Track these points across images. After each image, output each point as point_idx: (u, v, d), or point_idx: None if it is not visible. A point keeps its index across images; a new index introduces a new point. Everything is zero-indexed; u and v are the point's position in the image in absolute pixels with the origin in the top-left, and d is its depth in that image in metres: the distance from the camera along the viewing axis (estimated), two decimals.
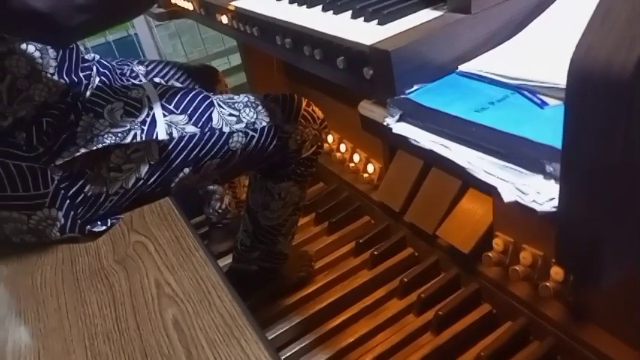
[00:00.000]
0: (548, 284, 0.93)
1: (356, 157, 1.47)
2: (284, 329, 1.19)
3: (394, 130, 0.51)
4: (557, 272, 0.93)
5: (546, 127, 0.41)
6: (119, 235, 0.73)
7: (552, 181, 0.37)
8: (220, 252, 1.47)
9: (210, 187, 1.39)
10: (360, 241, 1.37)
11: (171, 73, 1.09)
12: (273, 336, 1.18)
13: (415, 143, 0.49)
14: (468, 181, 0.43)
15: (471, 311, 1.13)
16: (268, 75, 1.74)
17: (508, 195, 0.38)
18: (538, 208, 0.36)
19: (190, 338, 0.52)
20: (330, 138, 1.58)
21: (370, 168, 1.42)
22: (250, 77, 1.79)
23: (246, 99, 0.94)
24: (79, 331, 0.56)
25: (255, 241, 1.18)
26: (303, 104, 1.02)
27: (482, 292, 1.14)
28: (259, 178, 1.08)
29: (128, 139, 0.76)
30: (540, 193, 0.37)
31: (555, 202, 0.36)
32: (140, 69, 1.03)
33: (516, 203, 0.38)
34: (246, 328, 0.51)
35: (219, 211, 1.42)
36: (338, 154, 1.53)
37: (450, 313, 1.11)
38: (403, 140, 0.50)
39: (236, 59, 1.89)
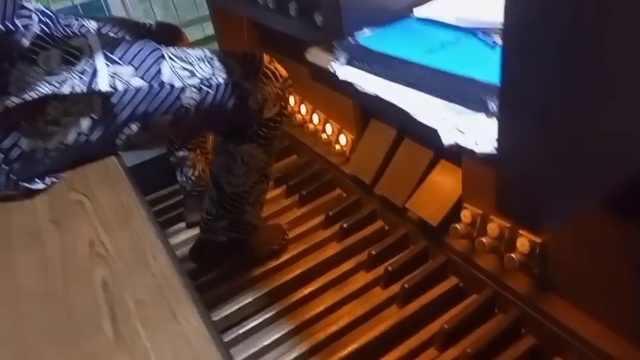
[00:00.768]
0: (513, 255, 0.91)
1: (328, 129, 1.43)
2: (249, 300, 1.17)
3: (339, 76, 0.47)
4: (523, 244, 0.91)
5: (495, 67, 0.38)
6: (58, 194, 0.69)
7: (494, 120, 0.34)
8: (194, 221, 1.42)
9: (181, 153, 1.34)
10: (330, 213, 1.34)
11: (125, 29, 1.03)
12: (237, 307, 1.15)
13: (360, 89, 0.45)
14: (408, 129, 0.40)
15: (437, 284, 1.11)
16: (240, 44, 1.68)
17: (448, 137, 0.35)
18: (477, 149, 0.33)
19: (117, 298, 0.48)
20: (303, 109, 1.54)
21: (342, 139, 1.39)
22: (222, 46, 1.73)
23: (201, 53, 0.89)
24: (5, 291, 0.52)
25: (221, 209, 1.14)
26: (265, 61, 0.97)
27: (450, 265, 1.12)
28: (221, 141, 1.03)
29: (65, 90, 0.71)
30: (481, 132, 0.33)
31: (496, 144, 0.32)
32: (91, 24, 0.97)
33: (456, 146, 0.35)
34: (178, 289, 0.48)
35: (192, 178, 1.38)
36: (310, 126, 1.49)
37: (415, 286, 1.09)
38: (349, 87, 0.47)
39: (210, 28, 1.82)
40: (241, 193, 1.10)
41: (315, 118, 1.48)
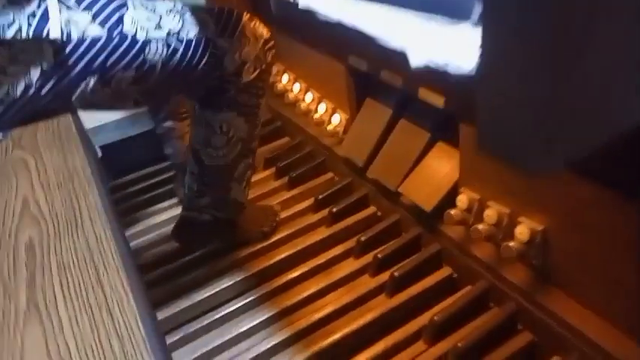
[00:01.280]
0: (511, 244, 0.84)
1: (322, 108, 1.35)
2: (229, 284, 1.09)
3: (299, 4, 0.39)
4: (522, 231, 0.84)
5: None
6: (2, 152, 0.62)
7: (477, 30, 0.26)
8: (182, 214, 1.35)
9: (168, 124, 1.26)
10: (320, 197, 1.26)
11: None
12: (215, 291, 1.08)
13: (322, 17, 0.37)
14: (378, 58, 0.32)
15: (429, 274, 1.04)
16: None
17: (417, 59, 0.27)
18: (453, 69, 0.25)
19: (40, 262, 0.41)
20: (296, 87, 1.46)
21: (336, 119, 1.31)
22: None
23: (171, 4, 0.81)
24: None
25: (202, 184, 1.06)
26: (244, 18, 0.89)
27: (443, 254, 1.04)
28: (198, 109, 0.96)
29: (9, 33, 0.64)
30: (458, 49, 0.26)
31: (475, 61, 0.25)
32: None
33: (426, 68, 0.27)
34: (110, 253, 0.41)
35: (181, 149, 1.30)
36: (303, 105, 1.41)
37: (406, 275, 1.02)
38: (311, 18, 0.39)
39: None
40: (223, 167, 1.03)
41: (309, 96, 1.40)
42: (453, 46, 0.25)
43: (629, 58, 0.28)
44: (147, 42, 0.75)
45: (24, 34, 0.65)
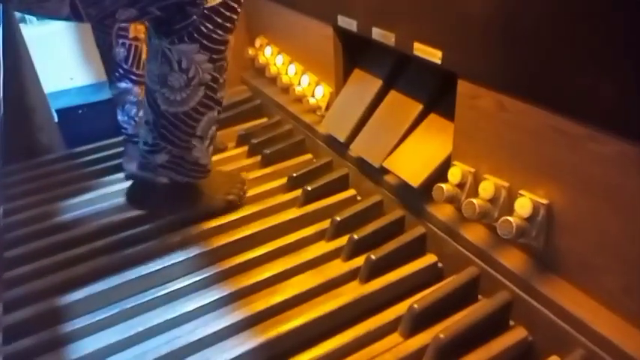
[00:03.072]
0: (510, 219, 0.71)
1: (304, 81, 1.24)
2: (181, 259, 0.95)
3: None
4: (523, 205, 0.72)
5: None
6: None
7: None
8: (134, 173, 1.21)
9: (124, 85, 1.13)
10: (295, 175, 1.13)
11: None
12: (166, 265, 0.93)
13: None
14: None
15: (411, 260, 0.90)
16: None
17: None
18: None
19: None
20: (279, 60, 1.34)
21: (319, 92, 1.19)
22: None
23: None
24: None
25: (158, 136, 0.93)
26: None
27: (429, 238, 0.91)
28: (153, 37, 0.83)
29: None
30: None
31: None
32: None
33: None
34: None
35: (136, 119, 1.16)
36: (285, 78, 1.29)
37: (384, 259, 0.88)
38: None
39: None
40: (182, 116, 0.90)
41: (292, 69, 1.29)
42: None
43: None
44: None
45: None
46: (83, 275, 0.91)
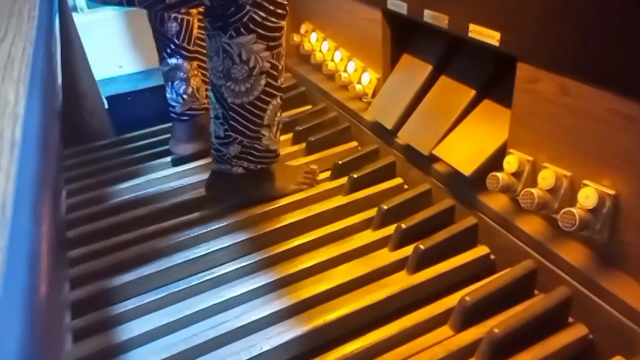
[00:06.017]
0: (573, 210, 0.67)
1: (351, 67, 1.21)
2: (227, 244, 0.95)
3: None
4: (587, 195, 0.67)
5: None
6: None
7: None
8: (184, 155, 1.22)
9: (174, 61, 1.13)
10: (340, 162, 1.12)
11: None
12: (212, 250, 0.94)
13: None
14: None
15: (461, 251, 0.87)
16: None
17: None
18: None
19: None
20: (325, 46, 1.32)
21: (365, 78, 1.16)
22: None
23: None
24: None
25: (229, 128, 0.95)
26: None
27: (481, 229, 0.88)
28: (212, 36, 0.85)
29: None
30: None
31: None
32: None
33: None
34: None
35: (184, 97, 1.17)
36: (331, 65, 1.27)
37: (432, 250, 0.86)
38: None
39: None
40: (248, 106, 0.92)
41: (338, 55, 1.26)
42: None
43: None
44: None
45: None
46: (133, 258, 0.92)
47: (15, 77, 0.29)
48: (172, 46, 1.11)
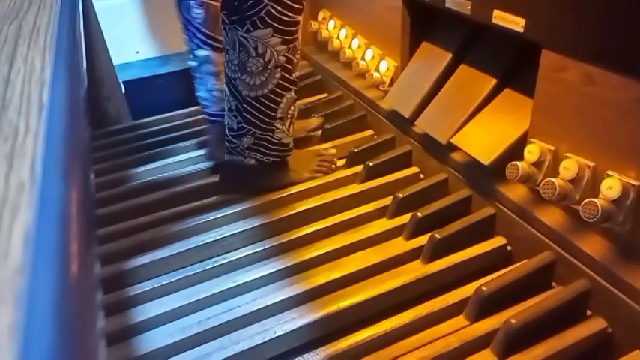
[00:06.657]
0: (596, 200, 0.66)
1: (369, 55, 1.20)
2: (242, 229, 0.95)
3: None
4: (611, 186, 0.66)
5: None
6: None
7: None
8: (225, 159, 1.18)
9: (204, 53, 1.10)
10: (355, 150, 1.11)
11: None
12: (227, 234, 0.94)
13: None
14: None
15: (478, 241, 0.86)
16: None
17: None
18: None
19: None
20: (342, 33, 1.31)
21: (383, 66, 1.15)
22: None
23: None
24: None
25: (243, 120, 0.95)
26: None
27: (498, 219, 0.87)
28: (229, 30, 0.85)
29: None
30: None
31: None
32: None
33: None
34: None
35: (214, 93, 1.13)
36: (348, 52, 1.26)
37: (448, 240, 0.85)
38: None
39: None
40: (262, 99, 0.92)
41: (355, 43, 1.25)
42: None
43: None
44: None
45: None
46: (149, 241, 0.93)
47: (41, 45, 0.29)
48: (200, 36, 1.09)
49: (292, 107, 0.98)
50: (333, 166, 1.09)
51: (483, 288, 0.73)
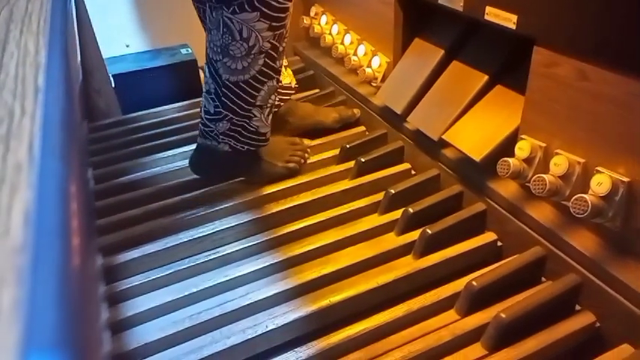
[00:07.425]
0: (586, 196, 0.66)
1: (361, 50, 1.20)
2: (233, 224, 0.95)
3: None
4: (601, 182, 0.67)
5: None
6: None
7: None
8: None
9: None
10: (347, 146, 1.11)
11: None
12: (218, 229, 0.93)
13: None
14: None
15: (469, 237, 0.87)
16: None
17: None
18: None
19: None
20: (334, 29, 1.31)
21: (375, 62, 1.15)
22: None
23: None
24: None
25: (220, 104, 0.92)
26: None
27: (489, 215, 0.87)
28: (214, 9, 0.83)
29: None
30: None
31: None
32: None
33: None
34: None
35: None
36: (340, 48, 1.26)
37: (440, 235, 0.85)
38: None
39: None
40: (243, 84, 0.89)
41: (348, 38, 1.25)
42: None
43: None
44: None
45: None
46: (139, 236, 0.92)
47: (34, 30, 0.28)
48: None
49: (273, 96, 0.96)
50: (307, 155, 1.08)
51: (474, 283, 0.74)
